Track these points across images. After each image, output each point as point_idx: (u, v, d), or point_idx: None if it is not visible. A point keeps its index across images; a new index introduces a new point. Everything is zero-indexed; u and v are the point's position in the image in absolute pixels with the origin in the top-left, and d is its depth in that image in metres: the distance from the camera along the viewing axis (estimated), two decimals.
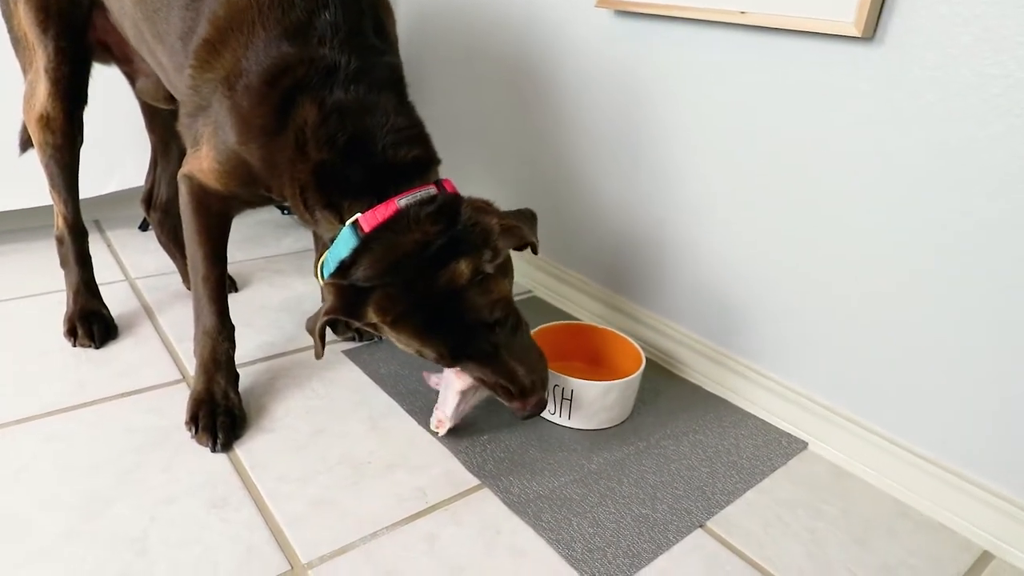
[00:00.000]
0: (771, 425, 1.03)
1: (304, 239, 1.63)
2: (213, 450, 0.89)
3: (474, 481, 0.88)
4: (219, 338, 0.96)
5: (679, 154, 1.10)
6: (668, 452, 0.95)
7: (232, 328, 0.98)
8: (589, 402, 0.96)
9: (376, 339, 1.19)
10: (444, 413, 0.93)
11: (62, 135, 1.02)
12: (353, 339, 1.18)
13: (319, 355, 0.84)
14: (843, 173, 0.91)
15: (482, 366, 0.85)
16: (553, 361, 0.99)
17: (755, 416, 1.05)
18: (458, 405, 0.92)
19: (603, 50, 1.18)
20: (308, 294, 1.35)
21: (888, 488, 0.92)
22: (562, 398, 0.97)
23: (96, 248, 1.48)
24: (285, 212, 1.79)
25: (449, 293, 0.80)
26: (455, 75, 1.52)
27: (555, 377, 0.96)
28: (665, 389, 1.11)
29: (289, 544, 0.76)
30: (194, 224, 0.91)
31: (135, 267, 1.40)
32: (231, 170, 0.86)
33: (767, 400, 1.05)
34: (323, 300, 0.85)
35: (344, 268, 0.81)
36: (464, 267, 0.80)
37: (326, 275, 0.83)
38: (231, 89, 0.82)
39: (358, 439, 0.94)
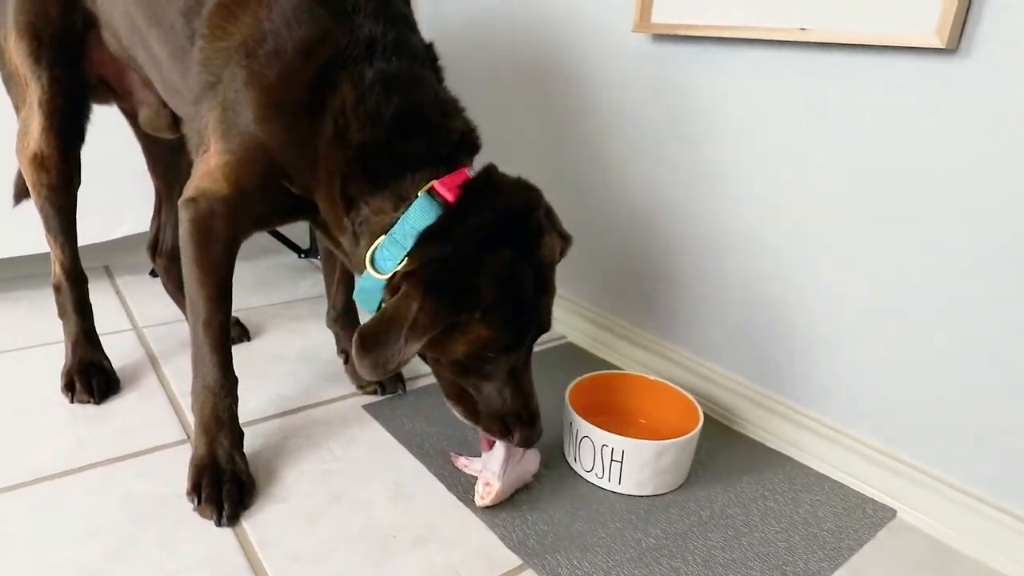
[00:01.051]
0: (850, 489, 0.90)
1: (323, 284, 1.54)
2: (218, 524, 0.78)
3: (515, 560, 0.76)
4: (221, 393, 0.85)
5: (730, 187, 1.00)
6: (736, 523, 0.83)
7: (235, 381, 0.88)
8: (642, 465, 0.84)
9: (400, 392, 1.09)
10: (492, 470, 0.81)
11: (57, 174, 0.95)
12: (375, 392, 1.08)
13: (404, 361, 0.70)
14: (928, 199, 0.80)
15: (509, 383, 0.78)
16: (594, 416, 0.88)
17: (829, 478, 0.92)
18: (506, 462, 0.81)
19: (639, 78, 1.10)
20: (327, 342, 1.25)
21: (1000, 566, 0.79)
22: (611, 459, 0.85)
23: (104, 295, 1.42)
24: (302, 255, 1.71)
25: (544, 270, 0.75)
26: (479, 99, 1.45)
27: (602, 436, 0.84)
28: (723, 447, 0.99)
29: None
30: (195, 258, 0.81)
31: (143, 315, 1.32)
32: (246, 160, 0.75)
33: (843, 459, 0.92)
34: (382, 301, 0.75)
35: (430, 240, 0.71)
36: (555, 243, 0.77)
37: (387, 258, 0.73)
38: (249, 56, 0.72)
39: (381, 508, 0.83)
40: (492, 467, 0.81)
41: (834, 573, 0.76)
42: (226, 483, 0.81)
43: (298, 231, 1.77)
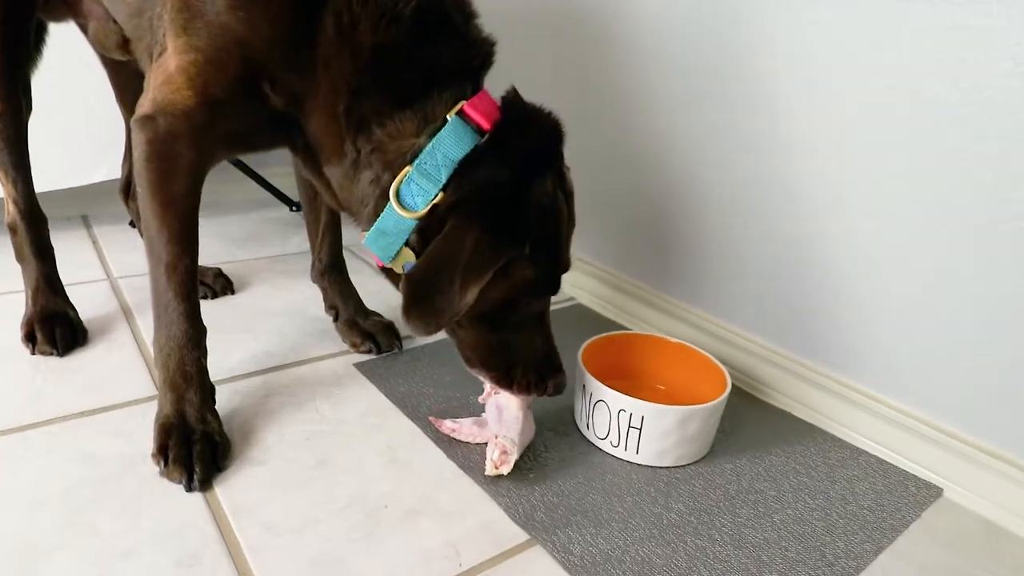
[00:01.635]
0: (890, 464, 0.82)
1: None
2: (188, 488, 0.69)
3: (521, 535, 0.67)
4: (189, 345, 0.75)
5: (766, 137, 0.90)
6: (766, 498, 0.74)
7: (203, 331, 0.78)
8: (664, 432, 0.75)
9: (396, 350, 1.00)
10: (508, 438, 0.72)
11: (2, 100, 0.84)
12: (369, 350, 0.99)
13: (461, 309, 0.63)
14: (981, 153, 0.70)
15: (539, 330, 0.73)
16: (609, 380, 0.79)
17: (866, 452, 0.84)
18: (522, 428, 0.73)
19: (666, 9, 0.99)
20: (318, 298, 1.16)
21: None
22: (628, 426, 0.76)
23: (81, 245, 1.32)
24: (294, 208, 1.61)
25: (570, 200, 0.70)
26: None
27: (619, 400, 0.76)
28: (747, 417, 0.90)
29: None
30: (154, 189, 0.70)
31: (119, 265, 1.22)
32: (216, 58, 0.63)
33: (881, 431, 0.84)
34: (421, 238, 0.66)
35: (472, 169, 0.63)
36: (570, 176, 0.71)
37: (418, 193, 0.64)
38: None
39: (372, 476, 0.74)
40: (509, 433, 0.73)
41: (878, 556, 0.67)
42: (197, 443, 0.72)
43: (291, 183, 1.66)
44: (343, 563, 0.62)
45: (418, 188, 0.64)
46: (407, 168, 0.64)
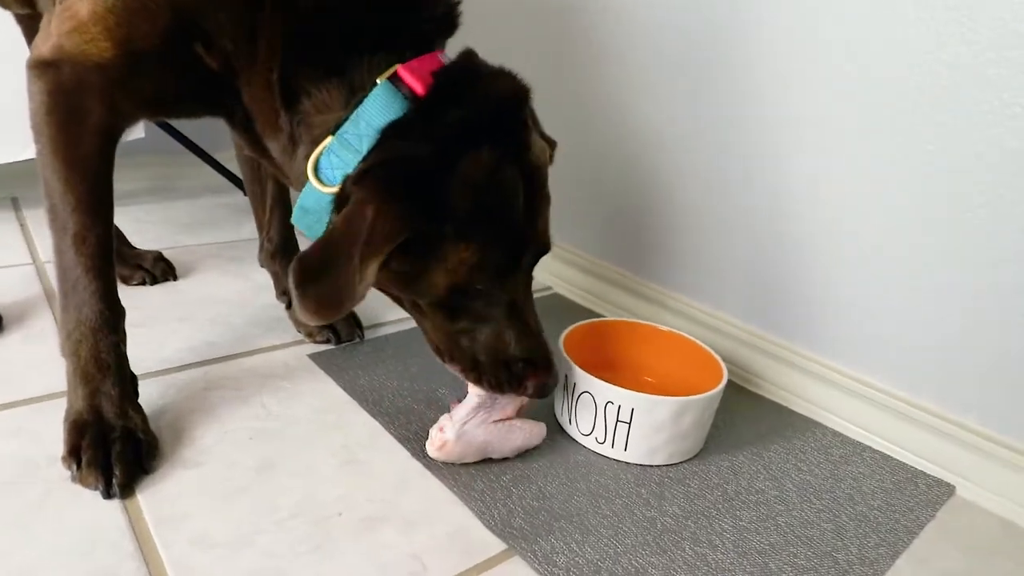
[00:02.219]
0: (896, 460, 0.75)
1: None
2: (106, 495, 0.59)
3: (497, 544, 0.58)
4: (104, 329, 0.65)
5: (749, 116, 0.83)
6: (768, 499, 0.67)
7: (122, 313, 0.67)
8: (656, 427, 0.67)
9: (357, 339, 0.90)
10: (454, 416, 0.65)
11: None
12: (327, 340, 0.89)
13: (361, 290, 0.53)
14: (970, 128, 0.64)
15: (525, 303, 0.63)
16: (593, 372, 0.70)
17: (870, 447, 0.77)
18: (472, 414, 0.65)
19: None
20: (270, 286, 1.05)
21: None
22: (616, 420, 0.68)
23: (7, 228, 1.19)
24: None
25: (536, 174, 0.60)
26: None
27: (607, 391, 0.67)
28: (741, 410, 0.83)
29: None
30: (56, 147, 0.60)
31: (48, 249, 1.10)
32: (142, 7, 0.55)
33: (888, 425, 0.77)
34: (334, 211, 0.57)
35: (393, 138, 0.55)
36: (545, 145, 0.63)
37: (336, 165, 0.57)
38: None
39: (325, 479, 0.64)
40: (456, 413, 0.65)
41: (895, 562, 0.60)
42: (116, 442, 0.61)
43: None
44: None
45: (337, 160, 0.57)
46: (328, 139, 0.57)
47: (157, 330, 0.87)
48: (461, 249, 0.56)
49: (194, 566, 0.53)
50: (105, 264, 0.65)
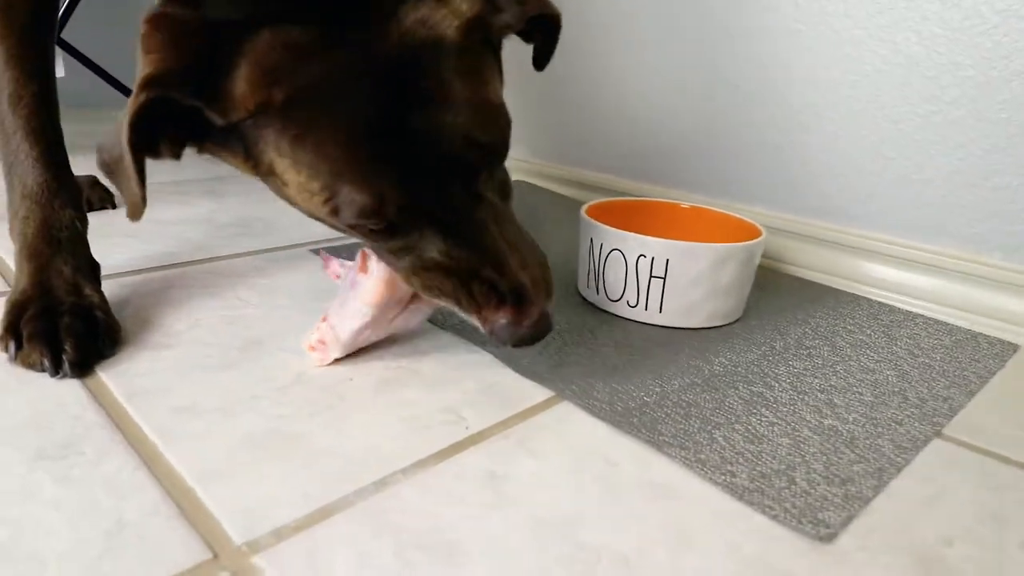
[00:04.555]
0: (952, 324, 0.69)
1: (216, 167, 1.22)
2: (54, 373, 0.48)
3: (537, 394, 0.51)
4: (54, 202, 0.56)
5: None
6: (822, 353, 0.61)
7: (76, 189, 0.58)
8: (694, 279, 0.61)
9: (109, 206, 0.85)
10: (335, 333, 0.51)
11: None
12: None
13: (138, 203, 0.43)
14: None
15: (452, 242, 0.43)
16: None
17: (922, 315, 0.71)
18: (364, 327, 0.51)
19: None
20: (224, 209, 0.94)
21: None
22: (650, 276, 0.61)
23: None
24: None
25: (412, 63, 0.39)
26: None
27: (639, 242, 0.61)
28: (778, 287, 0.77)
29: (206, 511, 0.36)
30: None
31: None
32: None
33: (935, 288, 0.72)
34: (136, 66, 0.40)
35: None
36: (457, 5, 0.41)
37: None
38: None
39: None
40: (339, 330, 0.51)
41: (971, 400, 0.55)
42: (65, 316, 0.50)
43: None
44: (302, 439, 0.43)
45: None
46: None
47: (98, 244, 0.75)
48: (287, 167, 0.41)
49: (183, 430, 0.43)
50: (46, 126, 0.56)
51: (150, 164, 0.43)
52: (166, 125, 0.40)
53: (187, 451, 0.41)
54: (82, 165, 0.62)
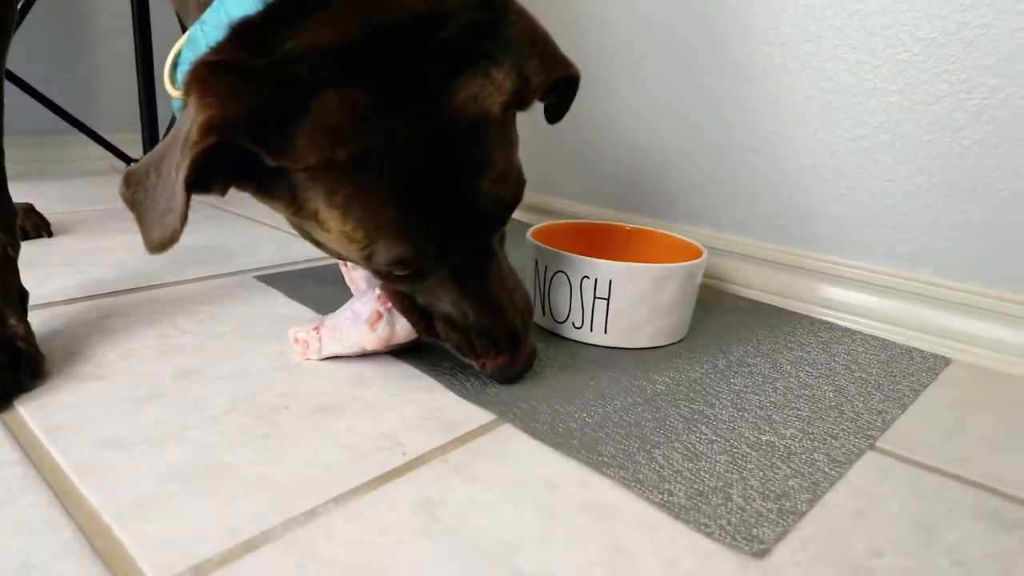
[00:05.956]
0: (887, 340, 0.71)
1: None
2: None
3: (484, 416, 0.50)
4: None
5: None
6: (763, 371, 0.62)
7: (11, 213, 0.57)
8: (637, 299, 0.61)
9: (45, 234, 0.85)
10: (320, 345, 0.57)
11: None
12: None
13: (169, 239, 0.41)
14: None
15: (462, 293, 0.49)
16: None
17: (860, 332, 0.72)
18: (346, 354, 0.57)
19: None
20: None
21: None
22: (594, 298, 0.62)
23: None
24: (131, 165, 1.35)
25: (461, 136, 0.43)
26: None
27: (583, 264, 0.61)
28: (718, 307, 0.79)
29: (122, 548, 0.34)
30: None
31: None
32: None
33: (869, 304, 0.75)
34: (185, 111, 0.41)
35: (247, 34, 0.40)
36: (500, 83, 0.43)
37: (189, 60, 0.42)
38: None
39: (262, 380, 0.53)
40: (336, 337, 0.56)
41: (904, 413, 0.57)
42: None
43: (127, 140, 1.40)
44: (232, 469, 0.42)
45: (190, 55, 0.44)
46: (195, 27, 0.45)
47: (32, 273, 0.73)
48: (332, 216, 0.43)
49: (104, 465, 0.41)
50: None
51: (89, 188, 0.42)
52: (221, 164, 0.41)
53: (107, 486, 0.39)
54: (17, 192, 0.60)
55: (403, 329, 0.54)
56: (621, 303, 0.61)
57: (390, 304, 0.54)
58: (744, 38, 0.78)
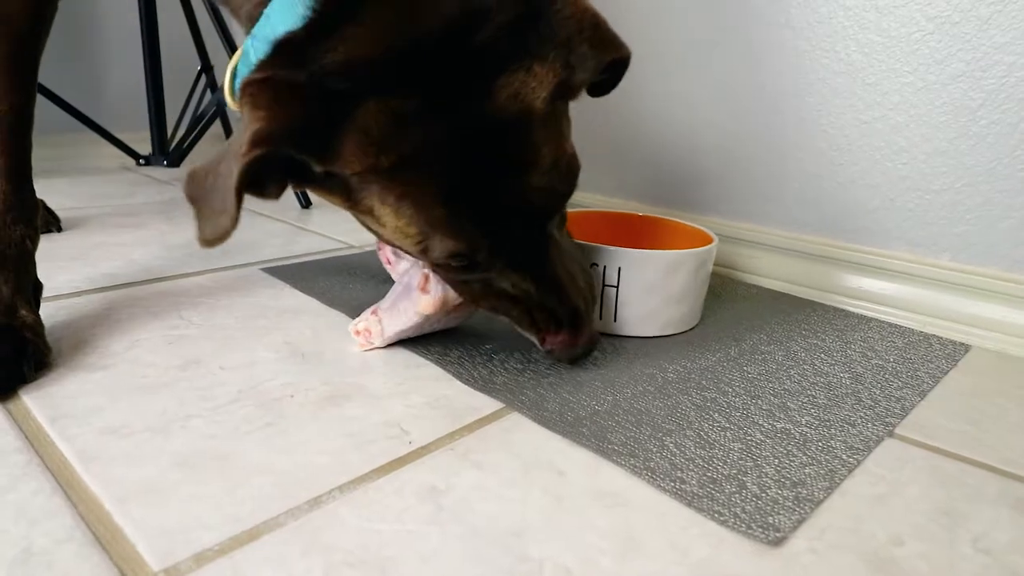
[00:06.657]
0: (904, 327, 0.69)
1: (169, 190, 1.20)
2: None
3: (491, 404, 0.49)
4: (6, 216, 0.54)
5: None
6: (776, 358, 0.61)
7: (34, 205, 0.57)
8: (647, 287, 0.60)
9: (54, 229, 0.86)
10: (382, 327, 0.57)
11: None
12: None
13: (229, 228, 0.41)
14: None
15: (521, 276, 0.49)
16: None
17: (876, 319, 0.71)
18: (409, 329, 0.56)
19: None
20: (175, 232, 0.92)
21: None
22: (603, 285, 0.61)
23: None
24: (141, 162, 1.36)
25: (505, 134, 0.42)
26: None
27: (591, 251, 0.60)
28: (730, 295, 0.77)
29: (123, 536, 0.34)
30: None
31: None
32: None
33: (886, 291, 0.73)
34: (242, 123, 0.41)
35: (288, 50, 0.40)
36: (542, 77, 0.43)
37: (242, 74, 0.43)
38: None
39: (267, 370, 0.53)
40: (388, 326, 0.57)
41: (923, 400, 0.55)
42: None
43: (135, 138, 1.41)
44: (235, 458, 0.41)
45: (244, 70, 0.45)
46: (248, 41, 0.45)
47: (42, 267, 0.72)
48: (388, 214, 0.44)
49: (107, 454, 0.41)
50: (17, 141, 0.56)
51: (99, 187, 0.42)
52: (272, 170, 0.42)
53: (109, 474, 0.39)
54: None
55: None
56: (630, 291, 0.60)
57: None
58: (759, 21, 0.77)
